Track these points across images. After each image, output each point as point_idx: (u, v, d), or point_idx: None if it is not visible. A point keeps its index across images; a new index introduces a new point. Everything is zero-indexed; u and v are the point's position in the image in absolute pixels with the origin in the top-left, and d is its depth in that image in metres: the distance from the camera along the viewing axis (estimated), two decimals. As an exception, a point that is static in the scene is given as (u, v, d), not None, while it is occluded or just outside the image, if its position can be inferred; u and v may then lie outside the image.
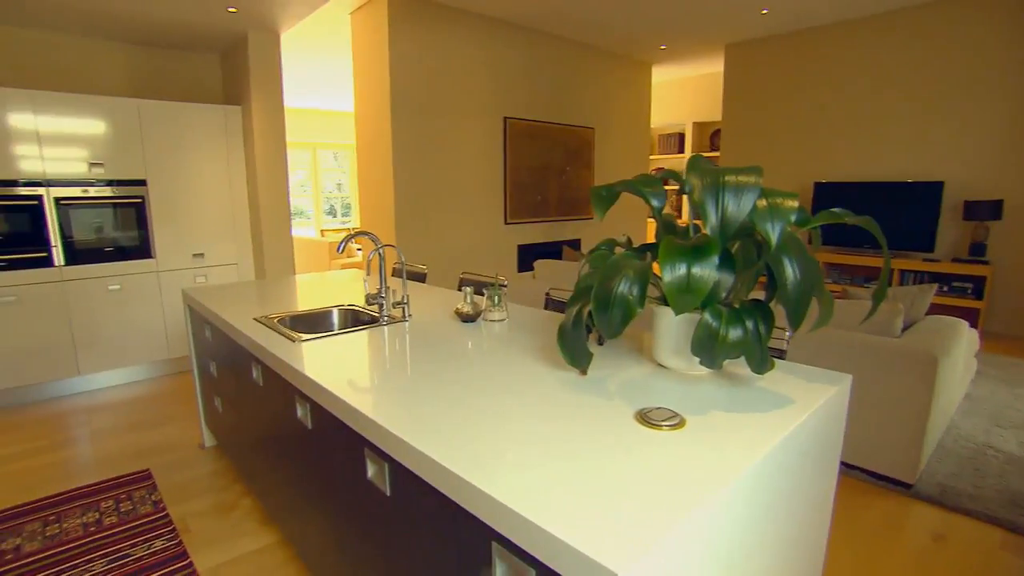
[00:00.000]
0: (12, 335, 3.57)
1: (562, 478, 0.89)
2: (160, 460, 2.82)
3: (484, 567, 0.93)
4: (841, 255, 5.15)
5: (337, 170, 9.64)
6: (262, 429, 1.97)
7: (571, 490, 0.86)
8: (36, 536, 2.22)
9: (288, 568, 1.99)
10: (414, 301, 2.29)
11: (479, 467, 0.93)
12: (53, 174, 3.58)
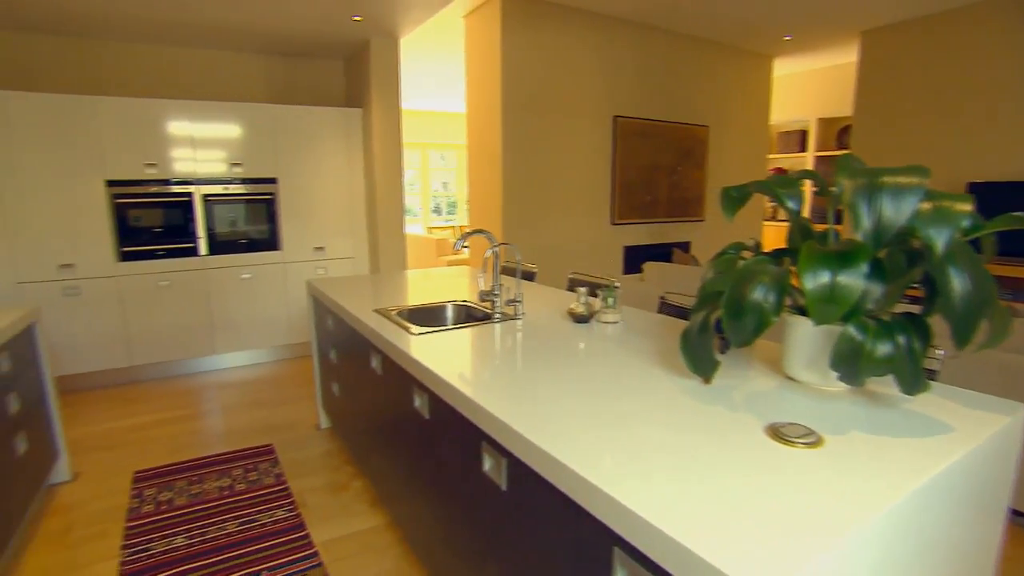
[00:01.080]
0: (164, 315, 4.02)
1: (691, 489, 0.85)
2: (281, 437, 3.05)
3: (603, 571, 0.90)
4: (998, 265, 4.56)
5: (444, 169, 9.96)
6: (377, 415, 2.07)
7: (702, 502, 0.82)
8: (183, 493, 2.48)
9: (395, 550, 2.07)
10: (525, 299, 2.31)
11: (603, 470, 0.91)
12: (201, 174, 3.99)
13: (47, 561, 2.07)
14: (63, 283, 3.73)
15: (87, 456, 2.90)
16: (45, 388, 2.55)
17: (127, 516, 2.33)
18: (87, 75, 4.04)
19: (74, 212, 3.69)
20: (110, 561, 2.05)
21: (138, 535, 2.19)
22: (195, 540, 2.14)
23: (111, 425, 3.30)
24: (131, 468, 2.75)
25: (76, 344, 3.82)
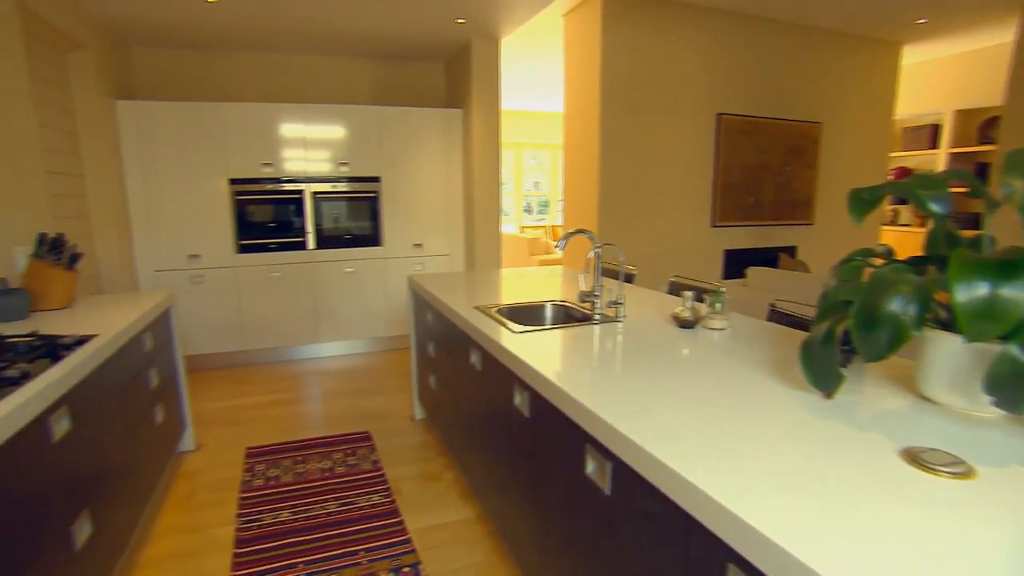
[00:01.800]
0: (275, 305, 4.32)
1: (818, 510, 0.79)
2: (377, 425, 3.18)
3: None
4: None
5: (536, 169, 9.99)
6: (474, 410, 2.10)
7: (832, 526, 0.75)
8: (289, 471, 2.65)
9: (486, 543, 2.10)
10: (626, 302, 2.26)
11: (719, 482, 0.86)
12: (312, 172, 4.24)
13: (176, 520, 2.28)
14: (190, 272, 4.10)
15: (207, 430, 3.17)
16: (177, 366, 2.82)
17: (240, 488, 2.52)
18: (213, 84, 4.42)
19: (202, 207, 4.05)
20: (227, 527, 2.22)
21: (250, 506, 2.36)
22: (299, 516, 2.28)
23: (227, 403, 3.58)
24: (244, 444, 2.97)
25: (198, 327, 4.19)
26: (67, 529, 1.49)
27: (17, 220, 2.46)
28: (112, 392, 1.90)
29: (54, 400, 1.44)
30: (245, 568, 1.97)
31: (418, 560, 2.00)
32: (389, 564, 1.97)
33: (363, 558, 2.01)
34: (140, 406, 2.19)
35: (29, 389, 1.36)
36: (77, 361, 1.61)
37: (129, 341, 2.12)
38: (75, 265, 2.50)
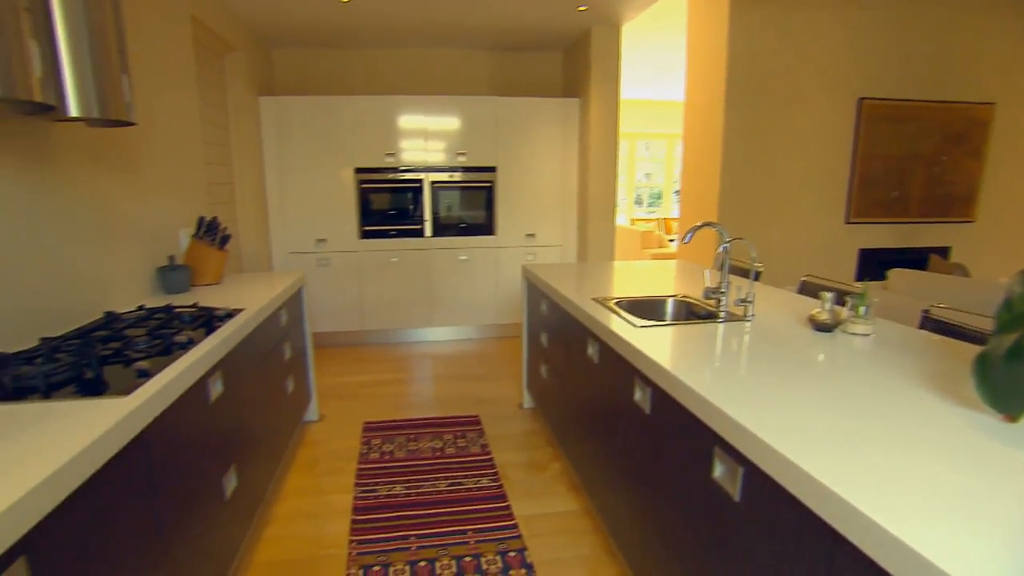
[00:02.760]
0: (392, 288, 4.54)
1: (1006, 551, 0.68)
2: (486, 410, 3.24)
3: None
4: None
5: (648, 159, 9.70)
6: (588, 403, 2.07)
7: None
8: (402, 448, 2.77)
9: (592, 537, 2.07)
10: (755, 300, 2.12)
11: (877, 502, 0.77)
12: (431, 162, 4.39)
13: (301, 484, 2.47)
14: (318, 255, 4.41)
15: (328, 403, 3.39)
16: (306, 341, 3.04)
17: (358, 459, 2.67)
18: (341, 79, 4.69)
19: (330, 195, 4.33)
20: (346, 494, 2.37)
21: (366, 477, 2.50)
22: (411, 491, 2.38)
23: (346, 379, 3.82)
24: (361, 418, 3.15)
25: (323, 307, 4.49)
26: (219, 480, 1.65)
27: (183, 206, 2.76)
28: (254, 362, 2.08)
29: (211, 365, 1.59)
30: (362, 534, 2.08)
31: (524, 546, 2.01)
32: (495, 547, 2.00)
33: (471, 538, 2.06)
34: (275, 376, 2.38)
35: (194, 354, 1.52)
36: (229, 332, 1.77)
37: (269, 316, 2.30)
38: (226, 246, 2.76)
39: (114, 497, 1.09)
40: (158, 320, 1.85)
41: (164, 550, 1.29)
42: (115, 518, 1.09)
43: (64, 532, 0.94)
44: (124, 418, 1.10)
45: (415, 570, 1.88)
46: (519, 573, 1.87)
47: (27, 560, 0.85)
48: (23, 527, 0.83)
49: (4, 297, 1.52)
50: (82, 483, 0.98)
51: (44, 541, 0.89)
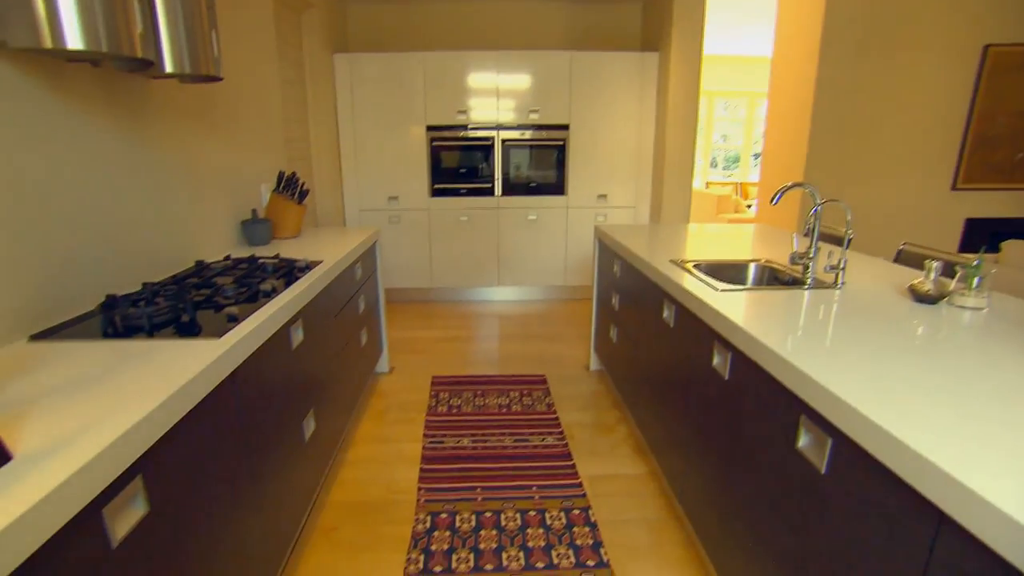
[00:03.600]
0: (461, 247, 4.57)
1: None
2: (552, 371, 3.25)
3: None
4: None
5: (727, 119, 9.21)
6: (660, 367, 2.03)
7: None
8: (469, 403, 2.83)
9: (657, 501, 2.05)
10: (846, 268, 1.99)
11: (992, 484, 0.70)
12: (503, 120, 4.33)
13: (373, 432, 2.57)
14: (389, 212, 4.48)
15: (398, 356, 3.50)
16: (379, 295, 3.12)
17: (427, 411, 2.75)
18: (413, 34, 4.65)
19: (401, 152, 4.37)
20: (415, 444, 2.45)
21: (435, 428, 2.58)
22: (478, 444, 2.43)
23: (415, 334, 3.92)
24: (430, 372, 3.24)
25: (393, 264, 4.60)
26: (299, 423, 1.74)
27: (263, 161, 2.85)
28: (331, 313, 2.15)
29: (293, 313, 1.66)
30: (430, 483, 2.16)
31: (588, 505, 2.02)
32: (560, 504, 2.03)
33: (535, 493, 2.09)
34: (350, 327, 2.47)
35: (278, 302, 1.58)
36: (309, 282, 1.83)
37: (345, 269, 2.37)
38: (304, 200, 2.85)
39: (212, 430, 1.17)
40: (243, 269, 1.94)
41: (253, 482, 1.38)
42: (213, 450, 1.17)
43: (172, 457, 1.01)
44: (218, 358, 1.17)
45: (481, 520, 1.93)
46: (583, 530, 1.88)
47: (143, 479, 0.93)
48: (139, 449, 0.90)
49: (111, 244, 1.63)
50: (185, 415, 1.05)
51: (156, 463, 0.96)
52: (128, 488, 0.89)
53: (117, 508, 0.87)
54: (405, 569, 1.72)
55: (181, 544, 1.05)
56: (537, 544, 1.82)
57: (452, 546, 1.81)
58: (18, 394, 0.98)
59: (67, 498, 0.73)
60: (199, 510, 1.12)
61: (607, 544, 1.83)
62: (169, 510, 1.01)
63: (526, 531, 1.88)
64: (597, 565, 1.73)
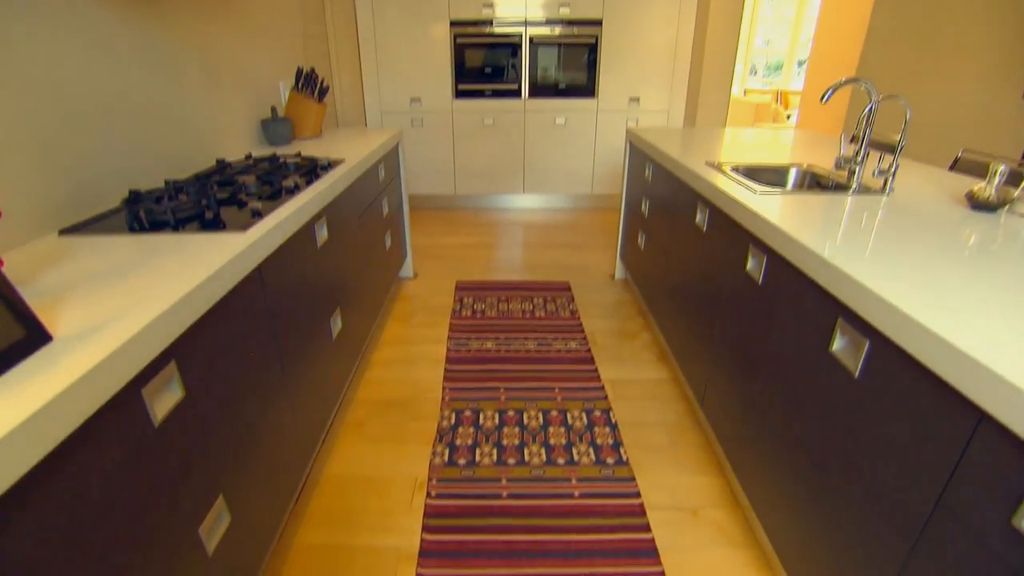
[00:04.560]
0: (485, 152, 4.44)
1: None
2: (577, 278, 3.24)
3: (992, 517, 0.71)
4: None
5: (770, 21, 8.55)
6: (689, 274, 1.99)
7: None
8: (493, 307, 2.86)
9: (678, 405, 2.09)
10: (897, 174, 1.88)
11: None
12: (531, 16, 4.04)
13: (398, 334, 2.62)
14: (412, 115, 4.33)
15: (422, 262, 3.51)
16: (403, 198, 3.08)
17: (451, 315, 2.78)
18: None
19: (424, 51, 4.14)
20: (439, 345, 2.50)
21: (459, 331, 2.61)
22: (501, 347, 2.47)
23: (439, 240, 3.91)
24: (454, 277, 3.25)
25: (416, 169, 4.51)
26: (327, 321, 1.77)
27: (281, 57, 2.73)
28: (355, 213, 2.13)
29: (317, 210, 1.64)
30: (455, 382, 2.21)
31: (609, 407, 2.07)
32: (581, 405, 2.07)
33: (558, 395, 2.13)
34: (374, 229, 2.45)
35: (301, 198, 1.56)
36: (332, 180, 1.80)
37: (368, 169, 2.32)
38: (324, 99, 2.75)
39: (242, 322, 1.18)
40: (265, 168, 1.91)
41: (284, 376, 1.42)
42: (244, 341, 1.19)
43: (204, 345, 1.03)
44: (244, 250, 1.16)
45: (504, 418, 2.00)
46: (603, 431, 1.94)
47: (177, 364, 0.95)
48: (172, 334, 0.91)
49: (132, 140, 1.59)
50: (214, 304, 1.05)
51: (189, 350, 0.98)
52: (164, 371, 0.91)
53: (155, 390, 0.89)
54: (431, 461, 1.80)
55: (218, 429, 1.09)
56: (559, 442, 1.88)
57: (476, 441, 1.88)
58: (53, 283, 0.99)
59: (108, 375, 0.75)
60: (233, 398, 1.15)
61: (626, 444, 1.88)
62: (204, 396, 1.04)
63: (548, 429, 1.94)
64: (616, 463, 1.79)
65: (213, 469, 1.07)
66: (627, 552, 1.46)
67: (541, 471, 1.74)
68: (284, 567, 1.44)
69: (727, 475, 1.73)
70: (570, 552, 1.46)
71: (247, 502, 1.21)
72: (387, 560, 1.45)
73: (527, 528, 1.53)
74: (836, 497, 1.06)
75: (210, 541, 1.05)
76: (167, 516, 0.92)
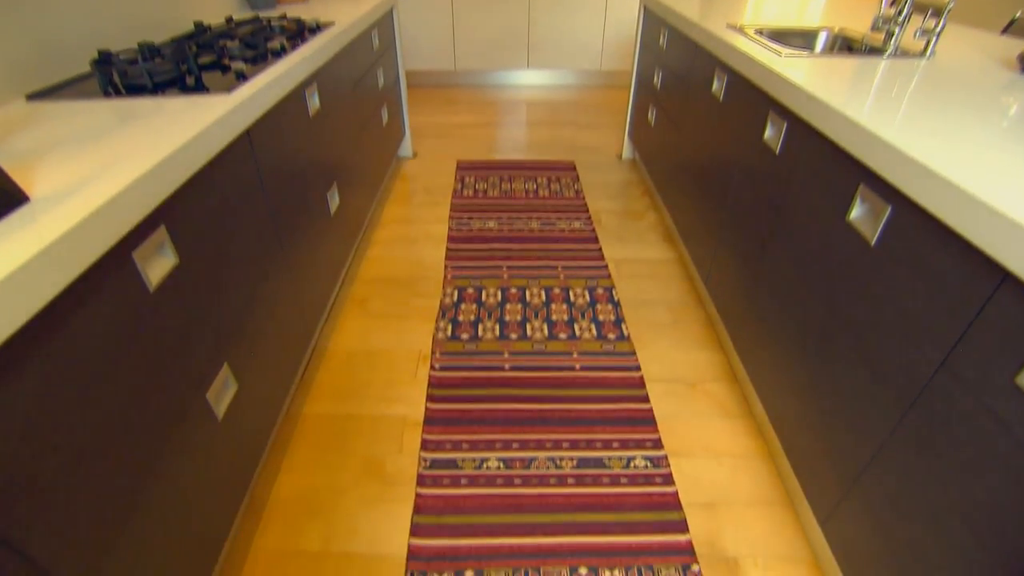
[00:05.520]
0: (487, 24, 4.12)
1: None
2: (582, 159, 3.12)
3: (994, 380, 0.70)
4: None
5: None
6: (703, 148, 1.90)
7: None
8: (496, 187, 2.78)
9: (682, 284, 2.09)
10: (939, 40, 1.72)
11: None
12: None
13: (399, 213, 2.57)
14: (407, -21, 3.97)
15: (422, 141, 3.37)
16: (399, 71, 2.89)
17: (452, 195, 2.72)
18: None
19: None
20: (441, 225, 2.46)
21: (460, 211, 2.56)
22: (504, 227, 2.43)
23: (439, 119, 3.73)
24: (454, 157, 3.14)
25: (413, 43, 4.20)
26: (324, 195, 1.71)
27: None
28: (348, 82, 1.99)
29: (307, 75, 1.52)
30: (457, 261, 2.20)
31: (612, 285, 2.06)
32: (584, 283, 2.07)
33: (560, 272, 2.13)
34: (370, 103, 2.32)
35: (291, 59, 1.44)
36: (322, 42, 1.66)
37: (360, 34, 2.15)
38: (309, -48, 2.49)
39: (233, 190, 1.13)
40: (248, 30, 1.76)
41: (282, 248, 1.39)
42: (237, 210, 1.15)
43: (195, 211, 0.99)
44: (230, 111, 1.08)
45: (506, 295, 2.00)
46: (605, 307, 1.95)
47: (167, 229, 0.91)
48: (159, 195, 0.86)
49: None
50: (202, 167, 1.00)
51: (179, 215, 0.94)
52: (155, 236, 0.88)
53: (147, 255, 0.86)
54: (434, 336, 1.82)
55: (217, 298, 1.08)
56: (561, 318, 1.89)
57: (478, 317, 1.90)
58: (25, 147, 0.93)
59: (92, 234, 0.72)
60: (230, 267, 1.13)
61: (628, 320, 1.90)
62: (200, 264, 1.01)
63: (550, 306, 1.95)
64: (617, 338, 1.81)
65: (215, 338, 1.07)
66: (626, 420, 1.52)
67: (543, 345, 1.77)
68: (294, 433, 1.50)
69: (727, 352, 1.76)
70: (570, 420, 1.52)
71: (253, 371, 1.23)
72: (393, 427, 1.52)
73: (529, 398, 1.58)
74: (836, 366, 1.07)
75: (218, 406, 1.08)
76: (173, 380, 0.93)
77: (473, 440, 1.46)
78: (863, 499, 0.99)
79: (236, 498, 1.16)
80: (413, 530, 1.26)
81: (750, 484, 1.38)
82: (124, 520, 0.81)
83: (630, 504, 1.31)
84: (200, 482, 1.02)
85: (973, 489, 0.76)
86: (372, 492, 1.35)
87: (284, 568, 1.20)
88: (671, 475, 1.38)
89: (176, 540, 0.94)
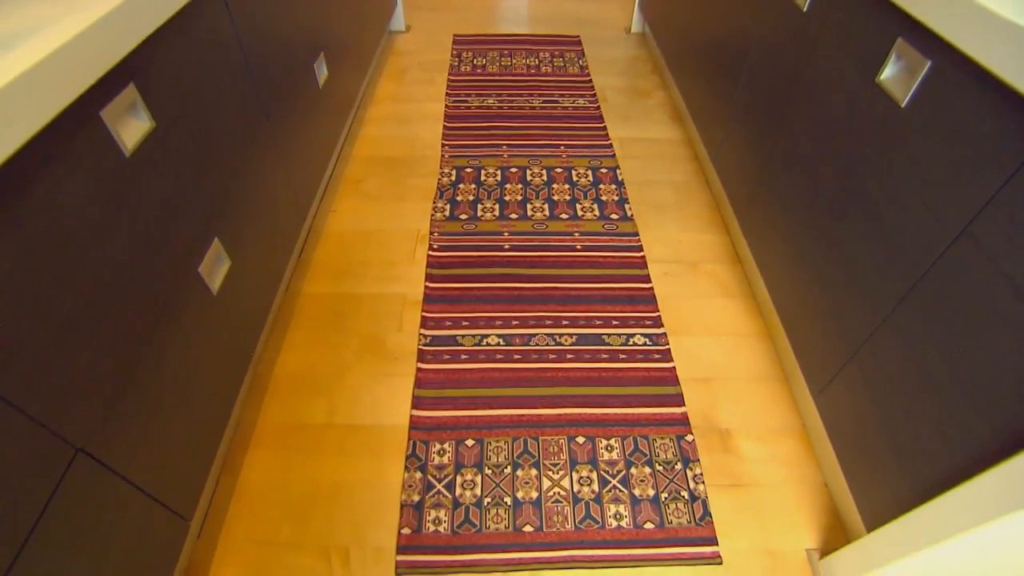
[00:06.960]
0: None
1: None
2: (588, 33, 2.90)
3: None
4: None
5: None
6: (719, 14, 1.74)
7: None
8: (495, 63, 2.60)
9: (688, 165, 2.01)
10: None
11: None
12: None
13: (392, 91, 2.43)
14: None
15: (416, 13, 3.11)
16: (386, -75, 2.60)
17: (449, 71, 2.55)
18: None
19: None
20: (437, 103, 2.33)
21: (458, 88, 2.41)
22: (504, 104, 2.30)
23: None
24: (451, 30, 2.91)
25: None
26: (310, 66, 1.59)
27: None
28: (331, -66, 1.79)
29: (281, -83, 1.35)
30: (455, 139, 2.10)
31: (616, 165, 1.98)
32: (587, 163, 1.99)
33: (563, 152, 2.04)
34: (357, -39, 2.10)
35: None
36: None
37: None
38: None
39: (209, 52, 1.03)
40: None
41: (267, 120, 1.31)
42: (214, 75, 1.05)
43: (167, 70, 0.90)
44: (193, -48, 0.96)
45: (506, 175, 1.93)
46: (608, 188, 1.88)
47: (137, 87, 0.84)
48: (122, 48, 0.77)
49: None
50: (169, 20, 0.90)
51: (149, 74, 0.86)
52: (124, 94, 0.81)
53: (117, 115, 0.79)
54: (431, 216, 1.78)
55: (201, 169, 1.02)
56: (562, 198, 1.84)
57: (477, 197, 1.84)
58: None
59: (49, 81, 0.64)
60: (212, 135, 1.06)
61: (632, 201, 1.84)
62: (177, 130, 0.94)
63: (552, 186, 1.88)
64: (620, 219, 1.77)
65: (202, 211, 1.02)
66: (626, 299, 1.51)
67: (544, 225, 1.73)
68: (295, 312, 1.50)
69: (732, 234, 1.72)
70: (570, 298, 1.51)
71: (246, 247, 1.20)
72: (393, 305, 1.51)
73: (529, 277, 1.57)
74: (847, 243, 1.03)
75: (212, 280, 1.06)
76: (160, 253, 0.90)
77: (473, 318, 1.46)
78: (860, 371, 1.00)
79: (239, 373, 1.18)
80: (415, 403, 1.29)
81: (747, 361, 1.40)
82: (122, 394, 0.81)
83: (628, 379, 1.33)
84: (200, 355, 1.02)
85: (977, 358, 0.75)
86: (373, 368, 1.37)
87: (291, 439, 1.24)
88: (669, 352, 1.40)
89: (180, 414, 0.96)
